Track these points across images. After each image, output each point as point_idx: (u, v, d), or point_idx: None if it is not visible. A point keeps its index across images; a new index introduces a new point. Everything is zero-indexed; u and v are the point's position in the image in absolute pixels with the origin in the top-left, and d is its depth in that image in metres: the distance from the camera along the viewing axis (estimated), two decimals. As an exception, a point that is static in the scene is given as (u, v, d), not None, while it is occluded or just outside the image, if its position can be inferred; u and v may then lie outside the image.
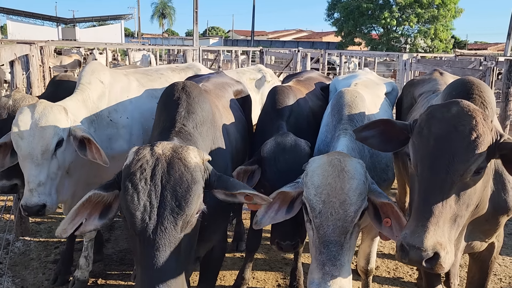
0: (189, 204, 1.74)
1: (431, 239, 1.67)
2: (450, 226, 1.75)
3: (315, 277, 1.94)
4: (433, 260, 1.68)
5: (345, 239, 1.96)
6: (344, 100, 2.70)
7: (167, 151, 1.84)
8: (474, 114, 1.81)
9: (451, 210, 1.75)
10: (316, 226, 1.99)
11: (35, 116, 2.58)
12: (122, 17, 54.79)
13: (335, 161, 2.09)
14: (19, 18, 47.73)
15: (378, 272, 3.87)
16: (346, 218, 1.96)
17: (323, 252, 1.94)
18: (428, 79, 3.66)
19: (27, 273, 3.65)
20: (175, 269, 1.71)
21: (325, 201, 1.99)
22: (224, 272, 3.73)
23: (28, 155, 2.54)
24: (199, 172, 1.86)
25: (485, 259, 2.46)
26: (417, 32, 33.86)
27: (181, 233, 1.74)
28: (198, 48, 12.80)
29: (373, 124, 2.20)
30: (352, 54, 17.70)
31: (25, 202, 2.50)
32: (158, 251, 1.67)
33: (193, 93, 2.46)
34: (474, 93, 2.14)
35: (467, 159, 1.74)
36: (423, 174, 1.82)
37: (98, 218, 1.95)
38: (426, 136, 1.84)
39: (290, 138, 2.64)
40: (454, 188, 1.76)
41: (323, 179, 2.04)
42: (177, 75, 3.93)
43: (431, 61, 13.08)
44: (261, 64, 6.83)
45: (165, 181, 1.74)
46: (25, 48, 4.74)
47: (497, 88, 7.20)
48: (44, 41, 10.19)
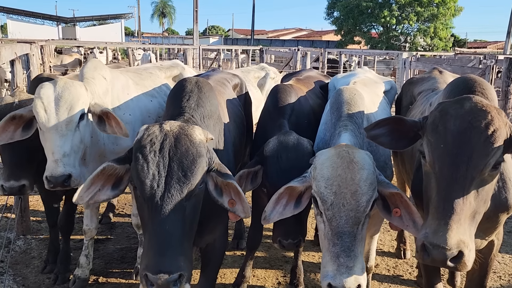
0: (194, 175, 1.91)
1: (455, 238, 1.64)
2: (470, 223, 1.74)
3: (329, 269, 1.93)
4: (458, 259, 1.65)
5: (357, 229, 1.96)
6: (343, 97, 2.71)
7: (175, 128, 2.01)
8: (488, 109, 1.81)
9: (471, 206, 1.73)
10: (328, 218, 1.99)
11: (57, 90, 2.63)
12: (122, 16, 54.67)
13: (344, 153, 2.10)
14: (19, 17, 47.63)
15: (378, 270, 3.88)
16: (359, 208, 1.97)
17: (336, 244, 1.94)
18: (428, 78, 3.67)
19: (28, 272, 3.66)
20: (181, 234, 1.86)
21: (336, 193, 1.99)
22: (224, 270, 3.74)
23: (53, 127, 2.55)
24: (203, 148, 2.01)
25: (484, 257, 2.46)
26: (417, 31, 33.88)
27: (186, 201, 1.89)
28: (198, 47, 12.82)
29: (383, 121, 2.19)
30: (352, 53, 17.71)
31: (51, 173, 2.48)
32: (165, 216, 1.82)
33: (204, 88, 2.58)
34: (477, 90, 2.15)
35: (486, 154, 1.73)
36: (442, 172, 1.80)
37: (111, 189, 2.12)
38: (442, 133, 1.83)
39: (292, 137, 2.63)
40: (474, 184, 1.75)
41: (332, 171, 2.04)
42: (163, 74, 4.00)
43: (430, 60, 13.08)
44: (263, 63, 6.96)
45: (172, 154, 1.91)
46: (26, 47, 4.75)
47: (496, 86, 7.19)
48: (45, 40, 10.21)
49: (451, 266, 1.67)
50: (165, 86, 3.86)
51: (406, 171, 3.23)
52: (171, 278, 1.77)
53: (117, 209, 5.05)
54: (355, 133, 2.51)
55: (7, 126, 2.65)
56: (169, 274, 1.76)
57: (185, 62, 9.33)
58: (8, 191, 2.76)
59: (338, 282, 1.88)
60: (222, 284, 3.59)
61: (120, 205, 5.20)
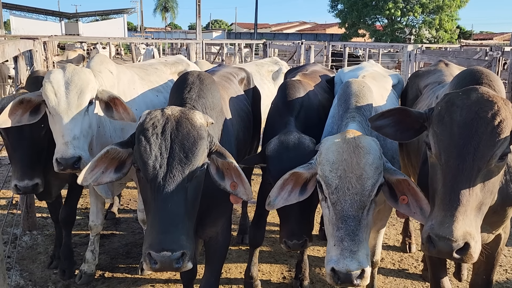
0: (195, 156, 1.96)
1: (461, 229, 1.63)
2: (476, 215, 1.73)
3: (333, 254, 1.91)
4: (464, 251, 1.64)
5: (362, 214, 1.95)
6: (351, 89, 2.68)
7: (176, 112, 2.07)
8: (495, 100, 1.79)
9: (477, 198, 1.72)
10: (333, 203, 1.99)
11: (67, 74, 2.67)
12: (124, 11, 54.63)
13: (350, 138, 2.10)
14: (22, 13, 47.72)
15: (383, 264, 3.87)
16: (364, 192, 1.96)
17: (341, 228, 1.93)
18: (434, 70, 3.63)
19: (35, 267, 3.69)
20: (184, 213, 1.91)
21: (341, 177, 1.99)
22: (229, 265, 3.75)
23: (63, 110, 2.57)
24: (204, 131, 2.06)
25: (491, 251, 2.45)
26: (422, 23, 33.58)
27: (187, 182, 1.94)
28: (201, 41, 12.77)
29: (388, 112, 2.17)
30: (356, 46, 17.59)
31: (61, 155, 2.49)
32: (167, 196, 1.88)
33: (206, 81, 2.61)
34: (484, 82, 2.12)
35: (493, 144, 1.72)
36: (448, 163, 1.78)
37: (114, 172, 2.19)
38: (448, 124, 1.81)
39: (293, 136, 2.61)
40: (480, 176, 1.74)
41: (338, 155, 2.04)
42: (168, 69, 4.00)
43: (436, 52, 12.96)
44: (275, 57, 6.98)
45: (174, 136, 1.97)
46: (29, 43, 4.74)
47: (503, 79, 7.10)
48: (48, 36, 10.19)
49: (457, 258, 1.66)
50: (171, 82, 3.86)
51: (412, 164, 3.21)
52: (174, 256, 1.81)
53: (122, 204, 5.07)
54: (362, 124, 2.48)
55: (15, 109, 2.68)
56: (172, 251, 1.81)
57: (188, 57, 9.31)
58: (23, 190, 2.78)
59: (342, 266, 1.87)
60: (227, 278, 3.59)
61: (125, 200, 5.21)
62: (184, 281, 2.96)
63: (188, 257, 1.87)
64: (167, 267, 1.84)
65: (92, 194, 3.38)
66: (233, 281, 3.57)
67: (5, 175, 5.11)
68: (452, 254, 1.65)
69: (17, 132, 2.78)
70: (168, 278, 3.58)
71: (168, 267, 1.84)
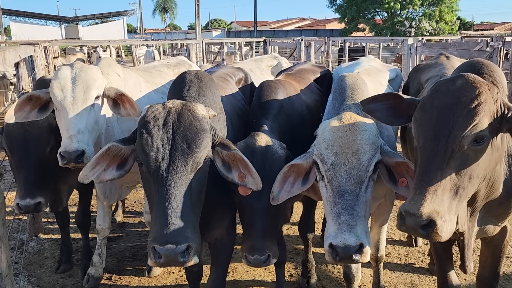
0: (198, 147, 1.93)
1: (428, 207, 1.67)
2: (452, 197, 1.75)
3: (331, 230, 1.90)
4: (429, 228, 1.68)
5: (360, 190, 1.95)
6: (346, 82, 2.69)
7: (177, 105, 2.05)
8: (478, 85, 1.80)
9: (451, 180, 1.74)
10: (329, 179, 1.99)
11: (74, 71, 2.69)
12: (124, 13, 54.68)
13: (346, 118, 2.13)
14: (22, 18, 47.88)
15: (389, 259, 3.87)
16: (360, 167, 1.97)
17: (338, 203, 1.92)
18: (435, 64, 3.61)
19: (42, 272, 3.71)
20: (188, 206, 1.86)
21: (337, 153, 2.01)
22: (236, 264, 3.75)
23: (69, 104, 2.58)
24: (206, 123, 2.04)
25: (497, 243, 2.44)
26: (422, 15, 33.39)
27: (191, 173, 1.92)
28: (201, 41, 12.76)
29: (381, 96, 2.21)
30: (356, 41, 17.53)
31: (65, 148, 2.47)
32: (171, 188, 1.84)
33: (204, 79, 2.59)
34: (484, 72, 2.11)
35: (465, 126, 1.73)
36: (425, 145, 1.83)
37: (116, 169, 2.17)
38: (429, 109, 1.85)
39: (261, 140, 2.37)
40: (455, 158, 1.75)
41: (334, 134, 2.07)
42: (171, 71, 4.01)
43: (436, 44, 12.91)
44: (275, 53, 6.99)
45: (175, 127, 1.95)
46: (29, 49, 4.76)
47: (504, 69, 7.07)
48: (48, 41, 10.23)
49: (424, 234, 1.70)
50: None
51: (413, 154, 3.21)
52: (178, 249, 1.76)
53: (127, 207, 5.08)
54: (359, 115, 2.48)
55: (23, 105, 2.69)
56: (176, 244, 1.76)
57: (188, 57, 9.30)
58: (24, 209, 2.75)
59: (339, 240, 1.85)
60: (233, 278, 3.60)
61: (130, 203, 5.23)
62: (190, 282, 2.96)
63: (193, 250, 1.82)
64: (172, 262, 1.78)
65: (99, 198, 3.40)
66: (240, 281, 3.58)
67: (10, 180, 5.14)
68: (417, 230, 1.70)
69: (22, 149, 2.79)
70: (175, 279, 3.59)
71: (173, 261, 1.78)
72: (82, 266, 3.62)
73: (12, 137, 2.81)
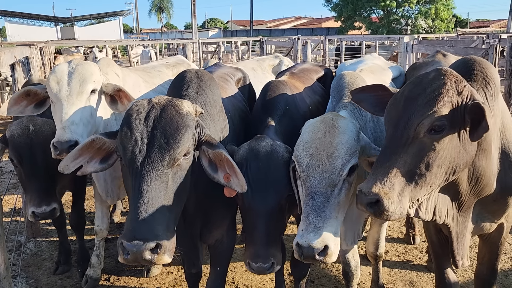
0: (176, 142, 1.88)
1: (376, 187, 1.74)
2: (405, 182, 1.78)
3: (299, 228, 1.95)
4: (376, 206, 1.75)
5: (332, 192, 1.97)
6: (344, 81, 2.70)
7: (163, 100, 2.03)
8: (446, 77, 1.84)
9: (405, 166, 1.78)
10: (303, 180, 2.03)
11: (71, 66, 2.70)
12: (120, 13, 54.50)
13: (327, 119, 2.15)
14: (17, 19, 47.64)
15: (388, 257, 3.88)
16: (334, 170, 1.99)
17: (308, 204, 1.96)
18: (431, 62, 3.63)
19: (40, 274, 3.70)
20: (162, 202, 1.80)
21: (312, 154, 2.03)
22: (234, 264, 3.75)
23: (64, 96, 2.58)
24: (190, 120, 2.00)
25: (495, 241, 2.45)
26: (418, 13, 33.42)
27: (168, 169, 1.86)
28: (197, 41, 12.73)
29: (370, 87, 2.25)
30: (353, 39, 17.54)
31: (57, 139, 2.43)
32: (143, 182, 1.79)
33: (205, 77, 2.55)
34: (476, 69, 2.12)
35: (421, 114, 1.78)
36: (388, 131, 1.91)
37: (99, 162, 2.15)
38: (399, 98, 1.91)
39: (265, 143, 2.28)
40: (411, 145, 1.79)
41: (312, 135, 2.09)
42: (170, 71, 4.01)
43: (432, 42, 12.92)
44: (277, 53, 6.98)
45: (156, 122, 1.91)
46: (25, 50, 4.73)
47: (500, 66, 7.10)
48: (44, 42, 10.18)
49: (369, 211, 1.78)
50: None
51: None
52: (145, 246, 1.68)
53: (125, 207, 5.07)
54: (355, 114, 2.49)
55: (20, 100, 2.70)
56: (144, 241, 1.68)
57: (185, 57, 9.27)
58: (41, 216, 2.76)
59: (304, 240, 1.88)
60: (233, 278, 3.60)
61: (128, 204, 5.21)
62: (189, 283, 2.96)
63: (163, 249, 1.73)
64: (140, 259, 1.70)
65: (98, 198, 3.39)
66: (239, 280, 3.58)
67: (7, 182, 5.12)
68: (366, 208, 1.78)
69: (30, 159, 2.79)
70: (174, 279, 3.59)
71: (140, 258, 1.70)
72: (79, 268, 3.62)
73: (19, 148, 2.80)
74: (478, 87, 2.05)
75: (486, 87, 2.07)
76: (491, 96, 2.06)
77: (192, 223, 2.35)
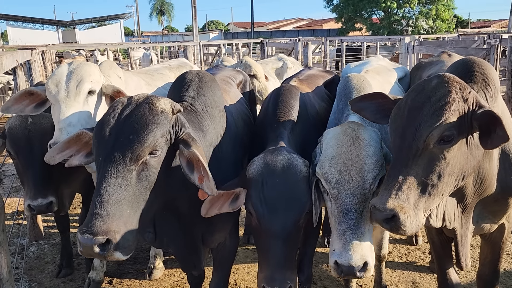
0: (140, 139, 1.84)
1: (391, 202, 1.72)
2: (419, 194, 1.77)
3: (336, 247, 1.91)
4: (392, 222, 1.74)
5: (364, 206, 1.94)
6: (351, 84, 2.68)
7: (141, 98, 2.01)
8: (449, 84, 1.82)
9: (418, 177, 1.77)
10: (333, 197, 1.98)
11: (71, 67, 2.70)
12: (121, 16, 54.68)
13: (349, 130, 2.09)
14: (19, 23, 47.85)
15: (390, 258, 3.87)
16: (364, 185, 1.95)
17: (342, 221, 1.92)
18: (436, 61, 3.62)
19: (43, 277, 3.71)
20: (119, 199, 1.76)
21: (341, 170, 1.97)
22: (237, 266, 3.75)
23: (62, 97, 2.58)
24: (165, 118, 1.95)
25: (496, 241, 2.45)
26: (419, 14, 33.45)
27: (130, 165, 1.82)
28: (198, 43, 12.75)
29: (370, 96, 2.22)
30: (353, 40, 17.53)
31: (54, 140, 2.44)
32: (103, 177, 1.78)
33: (205, 78, 2.54)
34: (475, 70, 2.12)
35: (430, 125, 1.75)
36: (395, 142, 1.88)
37: (85, 156, 2.15)
38: (403, 107, 1.89)
39: (282, 157, 2.09)
40: (421, 156, 1.78)
41: (337, 149, 2.03)
42: (173, 74, 4.01)
43: (433, 43, 12.92)
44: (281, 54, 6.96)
45: (127, 118, 1.91)
46: (27, 54, 4.76)
47: (502, 66, 7.09)
48: (45, 45, 10.23)
49: (386, 228, 1.77)
50: None
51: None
52: (94, 241, 1.66)
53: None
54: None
55: (22, 99, 2.71)
56: (93, 236, 1.66)
57: (186, 59, 9.29)
58: (37, 210, 2.71)
59: (344, 259, 1.87)
60: (235, 280, 3.60)
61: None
62: (192, 286, 2.95)
63: (114, 245, 1.70)
64: (91, 253, 1.69)
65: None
66: (241, 282, 3.58)
67: (10, 186, 5.13)
68: (382, 224, 1.77)
69: (27, 151, 2.78)
70: (176, 281, 3.59)
71: (90, 252, 1.68)
72: (86, 270, 3.59)
73: (16, 139, 2.80)
74: (478, 88, 2.05)
75: (486, 89, 2.07)
76: (491, 97, 2.06)
77: (191, 225, 2.33)
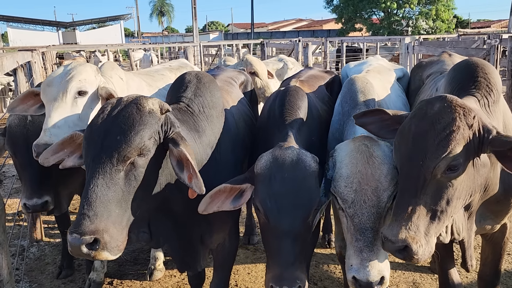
0: (127, 140, 1.84)
1: (402, 234, 1.74)
2: (429, 221, 1.79)
3: (353, 263, 1.94)
4: (405, 252, 1.76)
5: (379, 224, 1.96)
6: (356, 86, 2.67)
7: (130, 98, 2.00)
8: (454, 110, 1.79)
9: (426, 206, 1.78)
10: (350, 215, 1.99)
11: (66, 68, 2.69)
12: (121, 17, 54.74)
13: (363, 147, 2.07)
14: (19, 25, 47.91)
15: (391, 258, 3.82)
16: (380, 204, 1.96)
17: (359, 239, 1.94)
18: (437, 61, 3.62)
19: (44, 278, 3.71)
20: (107, 200, 1.77)
21: (356, 190, 1.98)
22: (237, 266, 3.75)
23: (50, 98, 2.57)
24: (152, 118, 1.94)
25: (498, 241, 2.45)
26: (419, 14, 33.46)
27: (118, 166, 1.82)
28: (198, 44, 12.75)
29: (371, 112, 2.22)
30: (354, 41, 17.54)
31: (37, 141, 2.41)
32: (91, 178, 1.79)
33: (204, 79, 2.53)
34: (479, 75, 2.11)
35: (436, 156, 1.74)
36: (401, 171, 1.88)
37: (79, 157, 2.15)
38: (406, 133, 1.87)
39: (291, 152, 2.08)
40: (429, 186, 1.78)
41: (352, 168, 2.02)
42: (173, 75, 4.00)
43: (434, 43, 12.93)
44: (282, 55, 6.94)
45: (115, 119, 1.90)
46: (27, 55, 4.76)
47: (502, 66, 7.09)
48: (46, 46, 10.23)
49: (400, 257, 1.80)
50: None
51: None
52: (82, 240, 1.70)
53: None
54: None
55: (27, 99, 2.71)
56: (80, 235, 1.69)
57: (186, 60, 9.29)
58: (32, 209, 2.72)
59: (362, 275, 1.91)
60: (235, 281, 3.60)
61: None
62: (192, 286, 2.95)
63: (102, 245, 1.72)
64: (78, 252, 1.72)
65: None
66: (242, 283, 3.58)
67: (10, 187, 5.14)
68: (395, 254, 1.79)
69: (25, 149, 2.77)
70: (177, 282, 3.59)
71: (79, 251, 1.71)
72: (89, 271, 3.57)
73: (15, 137, 2.80)
74: (482, 95, 2.05)
75: (489, 94, 2.06)
76: (493, 103, 2.06)
77: (187, 225, 2.32)
